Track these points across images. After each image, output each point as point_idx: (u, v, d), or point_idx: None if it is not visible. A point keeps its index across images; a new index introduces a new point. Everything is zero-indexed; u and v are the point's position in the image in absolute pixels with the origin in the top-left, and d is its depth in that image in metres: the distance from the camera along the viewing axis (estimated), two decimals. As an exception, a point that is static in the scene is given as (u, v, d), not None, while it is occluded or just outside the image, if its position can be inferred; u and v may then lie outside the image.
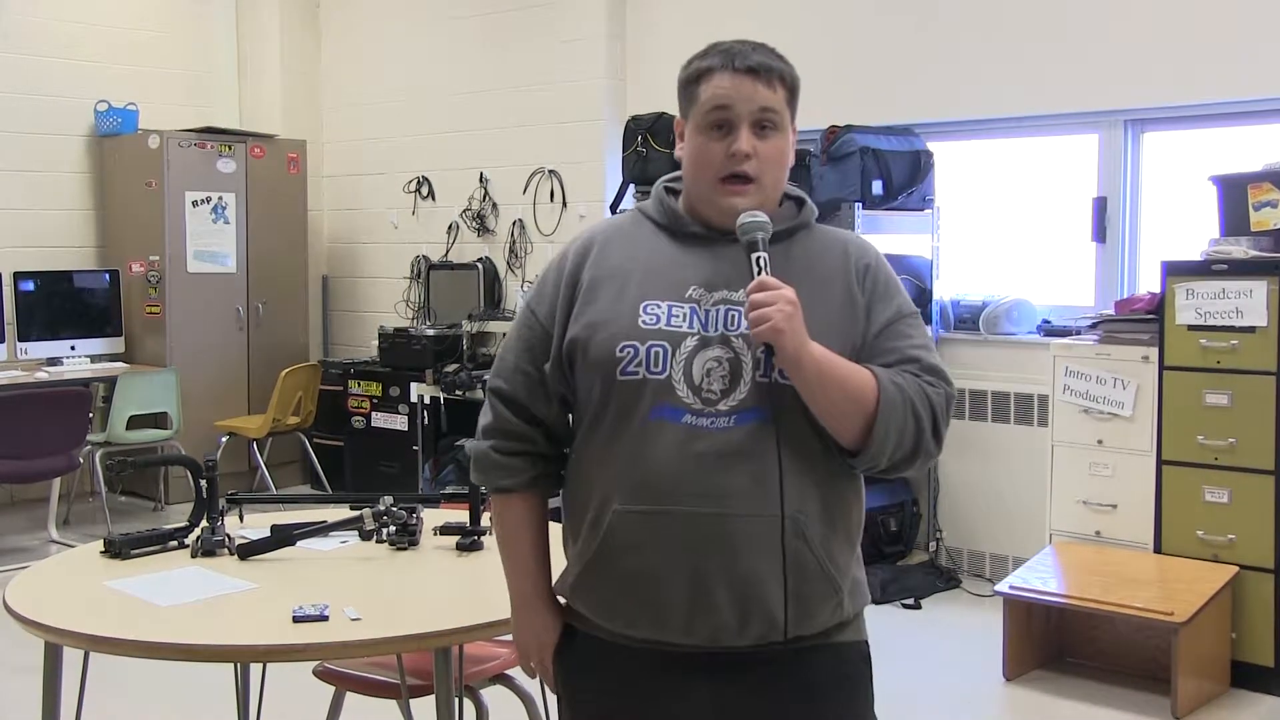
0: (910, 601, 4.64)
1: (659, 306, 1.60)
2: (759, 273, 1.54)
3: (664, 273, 1.62)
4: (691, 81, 1.65)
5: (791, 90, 1.63)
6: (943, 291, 5.10)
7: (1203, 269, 3.85)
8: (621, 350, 1.58)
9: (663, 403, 1.56)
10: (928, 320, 4.83)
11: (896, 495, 4.97)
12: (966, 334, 4.99)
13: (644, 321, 1.59)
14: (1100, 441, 4.13)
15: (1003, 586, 3.93)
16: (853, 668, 1.67)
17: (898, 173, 4.87)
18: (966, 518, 5.02)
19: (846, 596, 1.62)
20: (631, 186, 5.31)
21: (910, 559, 5.03)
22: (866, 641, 1.70)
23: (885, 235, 4.81)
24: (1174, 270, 3.92)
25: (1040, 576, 3.94)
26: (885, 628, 3.89)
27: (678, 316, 1.59)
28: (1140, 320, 4.09)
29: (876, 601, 4.48)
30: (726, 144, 1.60)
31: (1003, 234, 5.17)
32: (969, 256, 5.22)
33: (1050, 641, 4.00)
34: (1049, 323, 4.80)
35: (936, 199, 5.07)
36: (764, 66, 1.60)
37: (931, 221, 5.08)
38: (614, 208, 5.36)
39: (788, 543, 1.55)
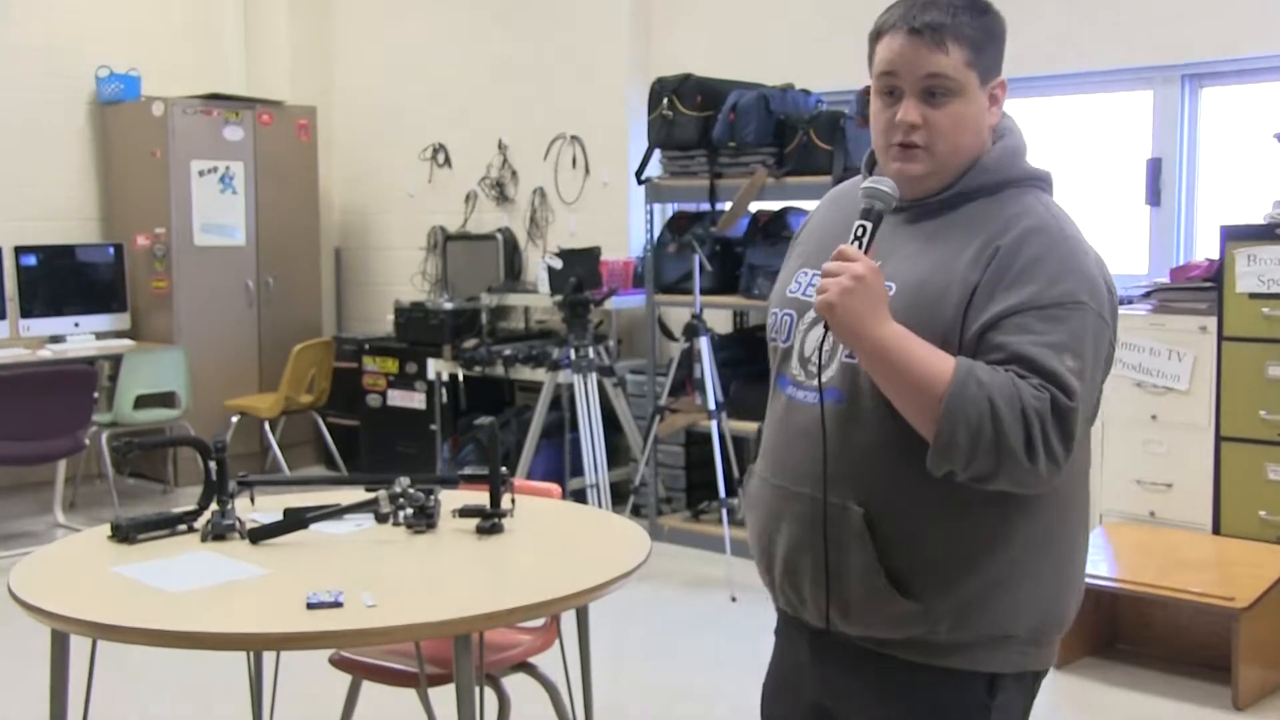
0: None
1: (806, 274, 1.67)
2: (851, 242, 1.54)
3: (827, 240, 1.63)
4: (872, 39, 1.62)
5: (975, 46, 1.56)
6: (987, 259, 5.04)
7: (1265, 233, 3.80)
8: (771, 315, 1.72)
9: (783, 372, 1.68)
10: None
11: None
12: (1012, 304, 4.93)
13: (790, 289, 1.70)
14: (1154, 417, 4.09)
15: (1051, 570, 3.91)
16: (932, 696, 1.59)
17: (938, 134, 4.81)
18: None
19: (930, 614, 1.55)
20: (658, 151, 5.28)
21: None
22: (980, 674, 1.58)
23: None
24: (1234, 235, 3.88)
25: (1091, 559, 3.89)
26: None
27: (815, 285, 1.57)
28: (1197, 289, 4.05)
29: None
30: (894, 111, 1.58)
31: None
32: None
33: (1102, 628, 3.98)
34: (1100, 292, 4.73)
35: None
36: (934, 26, 1.54)
37: (975, 185, 5.02)
38: (639, 174, 5.34)
39: (829, 529, 1.56)
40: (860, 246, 1.53)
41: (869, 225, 1.54)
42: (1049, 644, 1.65)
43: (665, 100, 5.09)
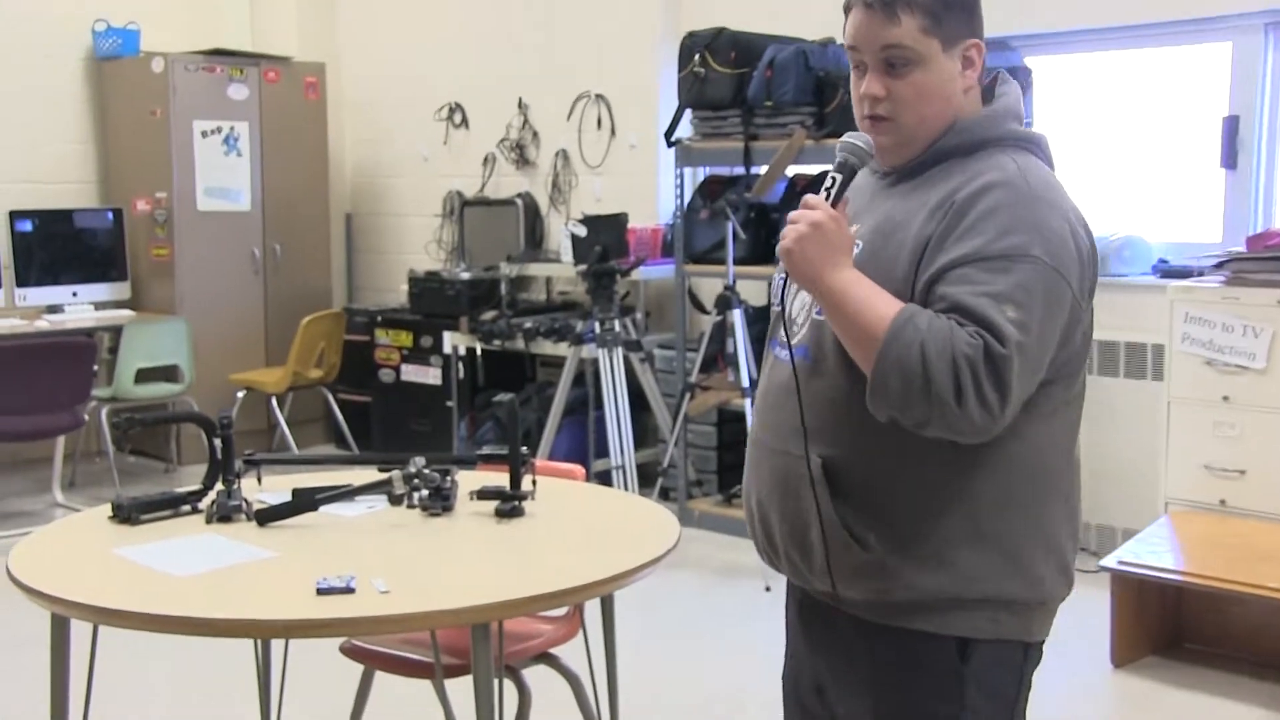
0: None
1: None
2: (820, 192, 1.67)
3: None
4: (844, 11, 1.74)
5: (931, 13, 1.65)
6: (1045, 227, 5.01)
7: (1349, 199, 3.75)
8: (772, 280, 1.86)
9: (774, 334, 1.83)
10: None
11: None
12: (1072, 276, 4.89)
13: None
14: (1226, 398, 4.06)
15: (1111, 562, 3.89)
16: (901, 658, 1.68)
17: (993, 92, 4.78)
18: (1069, 484, 4.96)
19: (886, 567, 1.65)
20: (689, 111, 5.26)
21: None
22: (948, 637, 1.66)
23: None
24: (1316, 201, 3.83)
25: (1154, 551, 3.89)
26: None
27: None
28: (1276, 259, 4.00)
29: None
30: (862, 84, 1.72)
31: (1114, 161, 5.07)
32: (1074, 188, 5.12)
33: (1166, 625, 3.96)
34: (1166, 262, 4.71)
35: (1036, 122, 4.97)
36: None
37: (1032, 147, 4.99)
38: (669, 135, 5.32)
39: (792, 482, 1.70)
40: (828, 197, 1.66)
41: (839, 177, 1.68)
42: (1028, 615, 1.70)
43: (697, 56, 5.07)
